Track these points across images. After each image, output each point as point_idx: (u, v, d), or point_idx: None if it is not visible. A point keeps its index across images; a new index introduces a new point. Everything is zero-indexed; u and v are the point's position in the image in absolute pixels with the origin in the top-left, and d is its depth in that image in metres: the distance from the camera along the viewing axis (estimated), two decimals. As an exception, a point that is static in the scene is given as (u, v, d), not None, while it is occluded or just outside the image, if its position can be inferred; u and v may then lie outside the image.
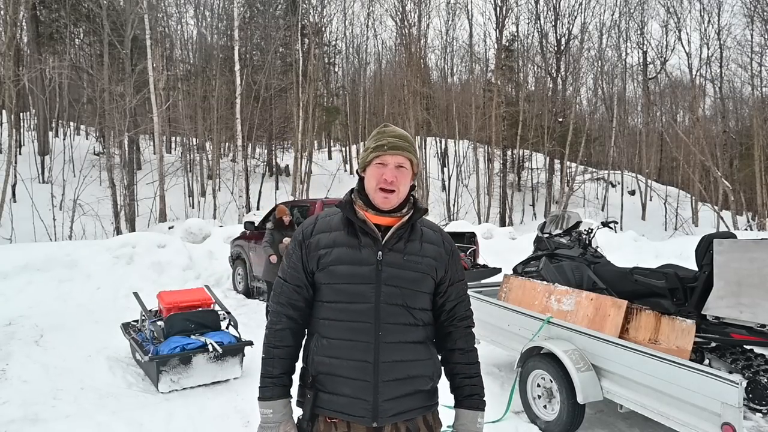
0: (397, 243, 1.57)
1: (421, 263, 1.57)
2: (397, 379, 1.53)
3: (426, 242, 1.61)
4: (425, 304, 1.60)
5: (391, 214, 1.58)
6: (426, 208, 1.65)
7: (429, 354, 1.60)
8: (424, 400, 1.59)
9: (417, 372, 1.56)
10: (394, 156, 1.56)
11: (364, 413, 1.51)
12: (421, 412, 1.59)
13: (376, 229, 1.56)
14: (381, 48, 34.93)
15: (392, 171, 1.55)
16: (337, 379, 1.53)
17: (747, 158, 23.26)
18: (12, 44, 14.16)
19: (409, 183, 1.60)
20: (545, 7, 25.07)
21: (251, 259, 8.16)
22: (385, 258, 1.54)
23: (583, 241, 5.17)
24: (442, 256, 1.62)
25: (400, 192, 1.57)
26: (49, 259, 7.85)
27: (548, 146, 23.70)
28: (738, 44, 23.32)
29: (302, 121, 20.76)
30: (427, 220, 1.70)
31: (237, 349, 4.51)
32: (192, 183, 21.82)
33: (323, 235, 1.60)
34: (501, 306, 4.49)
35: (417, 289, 1.57)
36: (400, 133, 1.61)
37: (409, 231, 1.60)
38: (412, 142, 1.63)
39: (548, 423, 3.62)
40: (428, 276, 1.59)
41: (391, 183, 1.54)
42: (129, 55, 17.43)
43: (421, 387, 1.57)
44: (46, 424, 3.57)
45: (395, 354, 1.53)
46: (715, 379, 2.74)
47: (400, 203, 1.59)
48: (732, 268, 3.43)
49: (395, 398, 1.53)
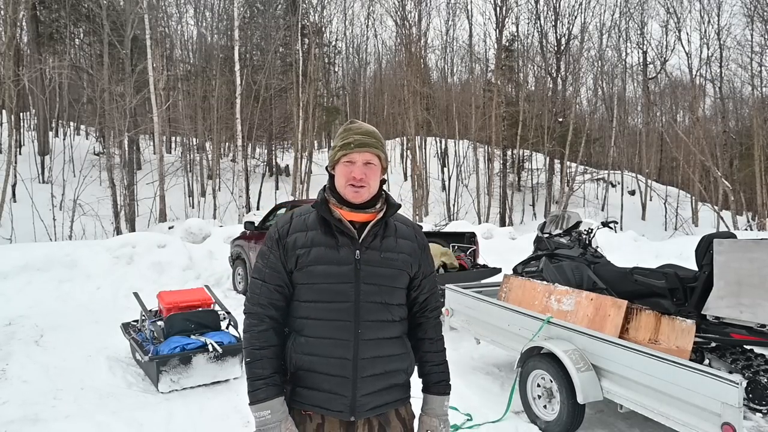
0: (373, 240, 1.59)
1: (397, 260, 1.61)
2: (375, 374, 1.57)
3: (400, 238, 1.64)
4: (401, 299, 1.64)
5: (365, 210, 1.60)
6: (399, 204, 1.67)
7: (405, 348, 1.65)
8: (399, 393, 1.65)
9: (394, 367, 1.61)
10: (362, 153, 1.57)
11: (342, 408, 1.55)
12: (396, 405, 1.64)
13: (352, 227, 1.58)
14: (381, 48, 35.00)
15: (360, 168, 1.57)
16: (316, 376, 1.55)
17: (747, 158, 23.26)
18: (12, 44, 14.16)
19: (378, 178, 1.63)
20: (545, 7, 25.09)
21: (251, 259, 8.16)
22: (363, 256, 1.56)
23: (583, 241, 5.17)
24: (415, 251, 1.66)
25: (371, 187, 1.59)
26: (49, 259, 7.85)
27: (548, 146, 23.70)
28: (738, 44, 23.38)
29: (302, 121, 20.76)
30: (399, 215, 1.71)
31: (237, 349, 4.50)
32: (192, 183, 21.81)
33: (300, 235, 1.59)
34: (501, 306, 4.49)
35: (394, 286, 1.61)
36: (367, 130, 1.61)
37: (383, 227, 1.63)
38: (379, 137, 1.63)
39: (548, 423, 3.62)
40: (404, 272, 1.63)
41: (360, 180, 1.56)
42: (129, 55, 17.42)
43: (396, 381, 1.63)
44: (46, 424, 3.57)
45: (374, 350, 1.57)
46: (715, 379, 2.74)
47: (372, 198, 1.61)
48: (732, 268, 3.43)
49: (373, 393, 1.57)
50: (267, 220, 8.33)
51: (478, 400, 4.16)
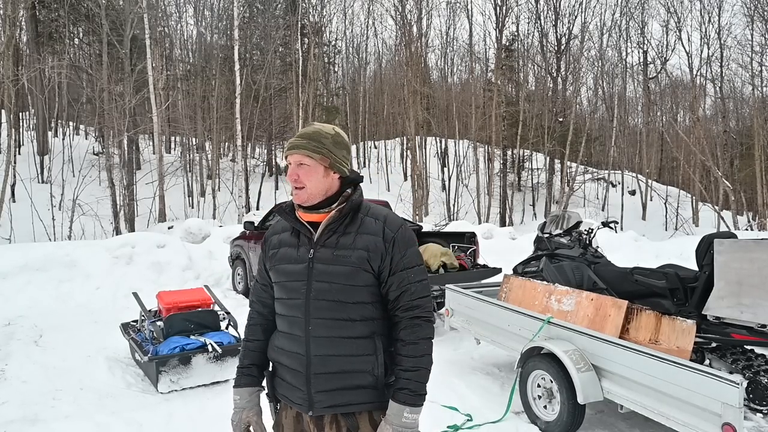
0: (329, 239, 1.60)
1: (350, 257, 1.57)
2: (330, 372, 1.57)
3: (362, 234, 1.59)
4: (364, 297, 1.58)
5: (317, 210, 1.63)
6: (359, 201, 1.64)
7: (370, 350, 1.58)
8: (368, 396, 1.59)
9: (353, 367, 1.57)
10: (292, 155, 1.63)
11: (301, 401, 1.61)
12: (365, 408, 1.59)
13: (308, 227, 1.63)
14: (381, 48, 34.99)
15: (293, 170, 1.62)
16: (281, 368, 1.66)
17: (747, 158, 23.25)
18: (11, 44, 14.14)
19: (318, 177, 1.60)
20: (545, 6, 25.08)
21: (251, 259, 8.15)
22: (316, 255, 1.60)
23: (583, 241, 5.17)
24: (378, 246, 1.58)
25: (309, 188, 1.60)
26: (48, 259, 7.84)
27: (548, 146, 23.69)
28: (738, 44, 23.42)
29: (302, 120, 20.75)
30: (375, 210, 1.66)
31: (237, 350, 4.49)
32: (191, 183, 21.80)
33: (275, 236, 1.73)
34: (501, 306, 4.48)
35: (350, 284, 1.56)
36: (304, 132, 1.65)
37: (346, 224, 1.61)
38: (315, 137, 1.61)
39: (548, 423, 3.61)
40: (360, 269, 1.56)
41: (295, 181, 1.61)
42: (128, 54, 17.41)
43: (360, 382, 1.58)
44: (45, 424, 3.56)
45: (327, 348, 1.57)
46: (715, 379, 2.73)
47: (329, 197, 1.63)
48: (732, 268, 3.43)
49: (328, 391, 1.58)
50: (267, 220, 8.31)
51: (478, 400, 4.16)
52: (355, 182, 1.68)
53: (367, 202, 1.71)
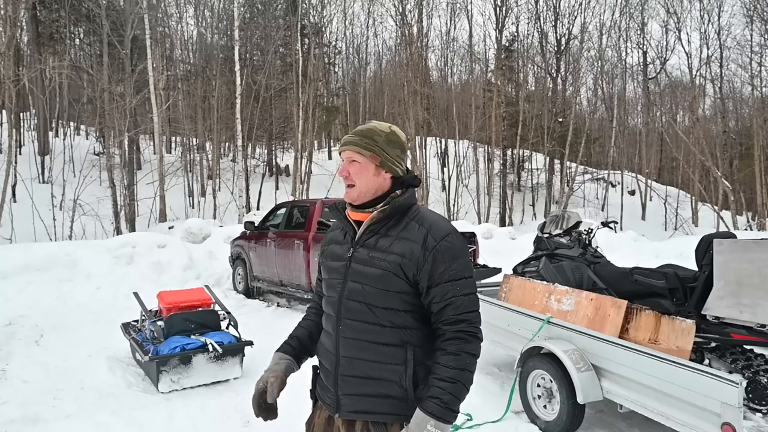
0: (369, 239, 1.56)
1: (384, 260, 1.50)
2: (356, 376, 1.52)
3: (401, 238, 1.51)
4: (395, 304, 1.50)
5: (363, 209, 1.60)
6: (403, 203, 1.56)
7: (400, 359, 1.49)
8: (398, 408, 1.50)
9: (380, 374, 1.50)
10: (344, 152, 1.62)
11: (330, 402, 1.60)
12: (396, 419, 1.50)
13: (353, 225, 1.62)
14: (381, 48, 35.00)
15: (344, 166, 1.62)
16: (321, 366, 1.67)
17: (747, 158, 23.26)
18: (12, 44, 14.16)
19: (369, 176, 1.57)
20: (545, 7, 25.09)
21: (251, 259, 8.16)
22: (354, 254, 1.58)
23: (583, 241, 5.17)
24: (413, 253, 1.48)
25: (359, 186, 1.58)
26: (49, 259, 7.85)
27: (548, 146, 23.69)
28: (738, 44, 23.34)
29: (302, 121, 20.76)
30: (424, 214, 1.58)
31: (237, 349, 4.50)
32: (192, 183, 21.81)
33: (330, 233, 1.76)
34: (501, 306, 4.49)
35: (382, 288, 1.49)
36: (359, 129, 1.64)
37: (389, 226, 1.55)
38: (366, 134, 1.59)
39: (548, 423, 3.62)
40: (392, 274, 1.48)
41: (346, 178, 1.61)
42: (129, 55, 17.42)
43: (387, 392, 1.50)
44: (46, 424, 3.57)
45: (353, 350, 1.53)
46: (715, 379, 2.74)
47: (374, 198, 1.58)
48: (732, 268, 3.43)
49: (354, 395, 1.53)
50: (267, 220, 8.32)
51: (478, 400, 4.15)
52: (409, 184, 1.61)
53: (420, 206, 1.63)
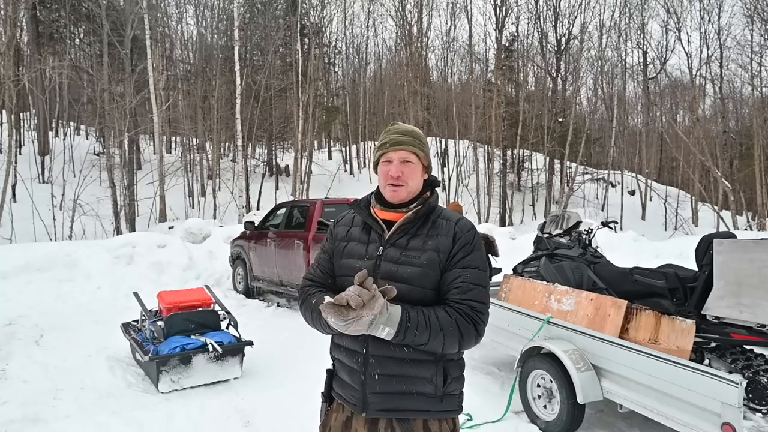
0: (400, 238, 1.59)
1: (419, 258, 1.53)
2: (386, 374, 1.53)
3: (433, 236, 1.56)
4: (429, 300, 1.53)
5: (397, 209, 1.62)
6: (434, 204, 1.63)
7: (430, 355, 1.52)
8: (425, 403, 1.54)
9: (411, 372, 1.52)
10: (397, 152, 1.60)
11: (355, 402, 1.57)
12: (421, 415, 1.54)
13: (382, 225, 1.62)
14: (381, 48, 35.03)
15: (397, 167, 1.60)
16: (342, 366, 1.62)
17: (747, 158, 23.26)
18: (12, 44, 14.16)
19: (418, 177, 1.63)
20: (545, 7, 25.08)
21: (251, 259, 8.16)
22: (385, 253, 1.57)
23: (583, 241, 5.17)
24: (447, 246, 1.54)
25: (410, 186, 1.61)
26: (49, 259, 7.85)
27: (548, 146, 23.69)
28: (738, 44, 23.33)
29: (302, 121, 20.76)
30: (448, 213, 1.64)
31: (237, 349, 4.51)
32: (192, 183, 21.81)
33: (343, 228, 1.72)
34: (501, 306, 4.49)
35: (415, 285, 1.52)
36: (405, 129, 1.65)
37: (418, 226, 1.59)
38: (418, 135, 1.65)
39: (548, 423, 3.62)
40: (428, 271, 1.52)
41: (397, 178, 1.59)
42: (129, 55, 17.42)
43: (419, 389, 1.53)
44: (46, 424, 3.57)
45: (384, 350, 1.51)
46: (715, 379, 2.74)
47: (411, 198, 1.62)
48: (732, 268, 3.43)
49: (383, 393, 1.53)
50: (267, 220, 8.32)
51: (478, 400, 4.16)
52: (435, 185, 1.68)
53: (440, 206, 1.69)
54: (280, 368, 4.82)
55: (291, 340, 5.54)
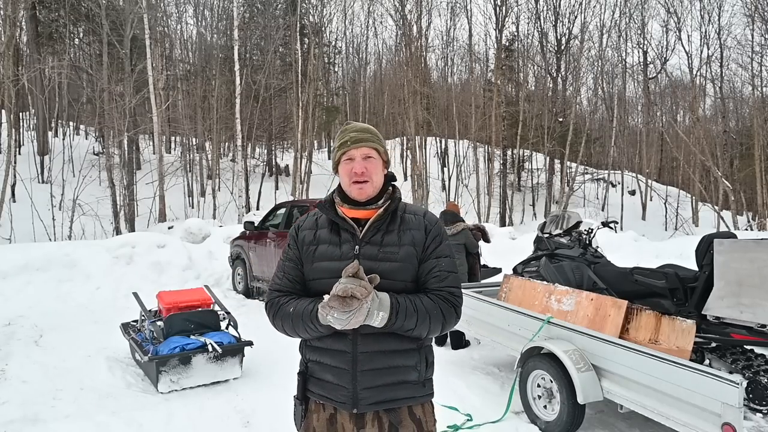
0: (374, 236, 1.61)
1: (398, 253, 1.59)
2: (376, 369, 1.57)
3: (406, 230, 1.62)
4: (409, 292, 1.59)
5: (366, 207, 1.63)
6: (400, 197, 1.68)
7: (413, 344, 1.60)
8: (410, 390, 1.61)
9: (398, 362, 1.59)
10: (359, 148, 1.62)
11: (345, 399, 1.58)
12: (406, 402, 1.61)
13: (353, 223, 1.62)
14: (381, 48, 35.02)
15: (360, 163, 1.61)
16: (323, 366, 1.62)
17: (747, 158, 23.25)
18: (11, 44, 14.15)
19: (381, 172, 1.66)
20: (545, 6, 25.07)
21: (251, 259, 8.16)
22: (362, 251, 1.59)
23: (583, 241, 5.17)
24: (420, 239, 1.62)
25: (374, 182, 1.63)
26: (48, 259, 7.84)
27: (548, 146, 23.68)
28: (738, 44, 23.33)
29: (302, 121, 20.75)
30: (412, 206, 1.71)
31: (237, 350, 4.50)
32: (192, 183, 21.79)
33: (308, 232, 1.69)
34: (501, 306, 4.48)
35: (396, 279, 1.57)
36: (362, 127, 1.67)
37: (388, 222, 1.63)
38: (375, 132, 1.68)
39: (548, 423, 3.62)
40: (407, 264, 1.59)
41: (361, 174, 1.60)
42: (128, 54, 17.41)
43: (405, 378, 1.60)
44: (45, 425, 3.56)
45: (373, 345, 1.56)
46: (715, 379, 2.73)
47: (377, 194, 1.65)
48: (732, 268, 3.43)
49: (375, 387, 1.57)
50: (267, 220, 8.32)
51: (478, 400, 4.16)
52: (393, 180, 1.71)
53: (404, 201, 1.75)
54: (279, 368, 4.81)
55: (290, 340, 5.50)
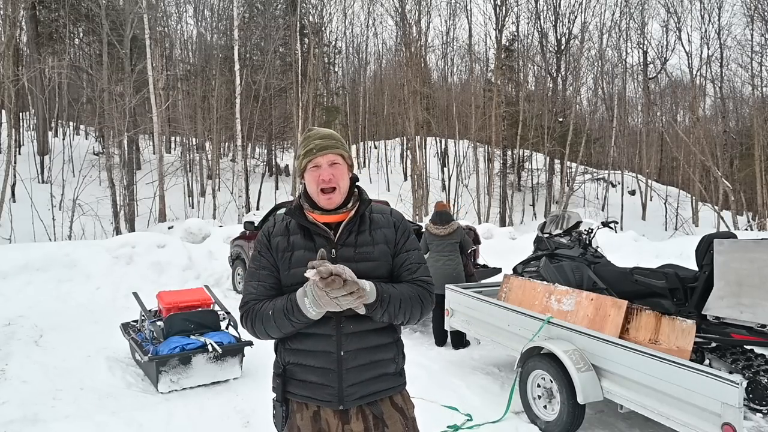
0: (348, 238, 1.65)
1: (373, 252, 1.65)
2: (361, 365, 1.63)
3: (376, 229, 1.69)
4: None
5: (336, 211, 1.66)
6: (369, 198, 1.73)
7: (392, 337, 1.70)
8: (390, 382, 1.69)
9: (380, 357, 1.66)
10: (325, 155, 1.64)
11: (330, 398, 1.62)
12: (387, 393, 1.68)
13: (326, 228, 1.65)
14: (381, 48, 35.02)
15: (327, 170, 1.63)
16: (305, 368, 1.64)
17: (747, 158, 23.25)
18: (11, 44, 14.14)
19: (347, 177, 1.68)
20: (545, 6, 25.07)
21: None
22: (339, 254, 1.62)
23: (583, 241, 5.16)
24: (392, 236, 1.69)
25: (341, 188, 1.65)
26: (48, 259, 7.84)
27: (548, 146, 23.68)
28: (738, 44, 23.35)
29: (302, 120, 20.75)
30: (376, 206, 1.77)
31: (237, 350, 4.50)
32: (192, 183, 21.79)
33: (281, 239, 1.69)
34: (501, 306, 4.48)
35: (377, 277, 1.62)
36: (325, 133, 1.69)
37: (358, 223, 1.67)
38: (338, 138, 1.71)
39: (548, 423, 3.62)
40: (382, 262, 1.66)
41: (329, 181, 1.62)
42: (128, 54, 17.41)
43: (385, 370, 1.68)
44: (45, 425, 3.56)
45: (357, 343, 1.62)
46: (715, 379, 2.73)
47: (345, 198, 1.67)
48: (732, 268, 3.43)
49: (359, 383, 1.63)
50: (267, 220, 8.32)
51: (478, 400, 4.16)
52: (356, 181, 1.75)
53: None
54: (279, 368, 4.81)
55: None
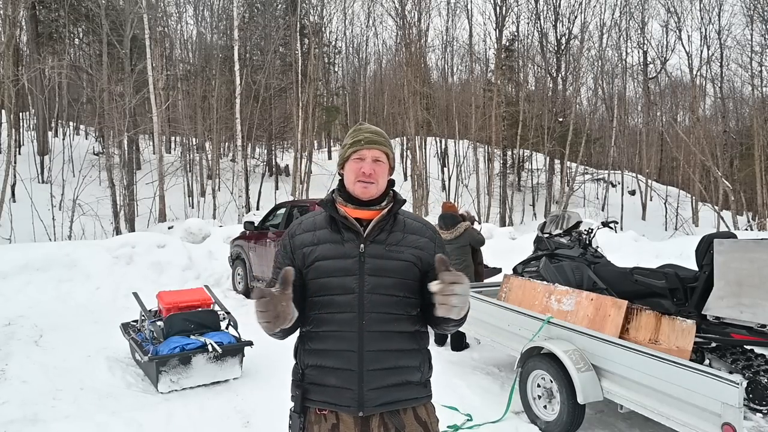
0: (378, 235, 1.61)
1: (403, 252, 1.61)
2: (383, 368, 1.56)
3: (409, 233, 1.65)
4: (410, 293, 1.61)
5: (370, 207, 1.63)
6: (404, 199, 1.70)
7: (417, 344, 1.63)
8: (415, 392, 1.62)
9: (404, 362, 1.59)
10: (371, 150, 1.62)
11: (350, 402, 1.55)
12: (410, 404, 1.61)
13: (356, 223, 1.62)
14: (381, 48, 35.00)
15: (370, 164, 1.61)
16: (325, 370, 1.58)
17: (747, 158, 23.25)
18: (11, 44, 14.14)
19: (387, 176, 1.67)
20: (545, 6, 25.08)
21: (251, 259, 8.15)
22: (367, 250, 1.59)
23: (583, 241, 5.16)
24: (428, 246, 1.65)
25: (379, 184, 1.64)
26: (48, 259, 7.84)
27: (548, 146, 23.67)
28: (738, 44, 23.37)
29: (302, 121, 20.74)
30: (409, 212, 1.75)
31: (237, 350, 4.50)
32: (192, 183, 21.79)
33: (307, 234, 1.66)
34: (501, 306, 4.48)
35: (401, 278, 1.59)
36: (376, 129, 1.69)
37: (391, 223, 1.65)
38: (387, 137, 1.70)
39: (548, 423, 3.62)
40: (412, 264, 1.61)
41: (369, 176, 1.61)
42: (128, 54, 17.42)
43: (409, 378, 1.60)
44: (45, 425, 3.56)
45: (380, 343, 1.56)
46: (715, 379, 2.73)
47: (379, 196, 1.65)
48: (732, 268, 3.43)
49: (381, 388, 1.56)
50: (267, 220, 8.32)
51: (478, 400, 4.16)
52: (393, 184, 1.74)
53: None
54: (279, 368, 4.80)
55: (290, 340, 5.52)
